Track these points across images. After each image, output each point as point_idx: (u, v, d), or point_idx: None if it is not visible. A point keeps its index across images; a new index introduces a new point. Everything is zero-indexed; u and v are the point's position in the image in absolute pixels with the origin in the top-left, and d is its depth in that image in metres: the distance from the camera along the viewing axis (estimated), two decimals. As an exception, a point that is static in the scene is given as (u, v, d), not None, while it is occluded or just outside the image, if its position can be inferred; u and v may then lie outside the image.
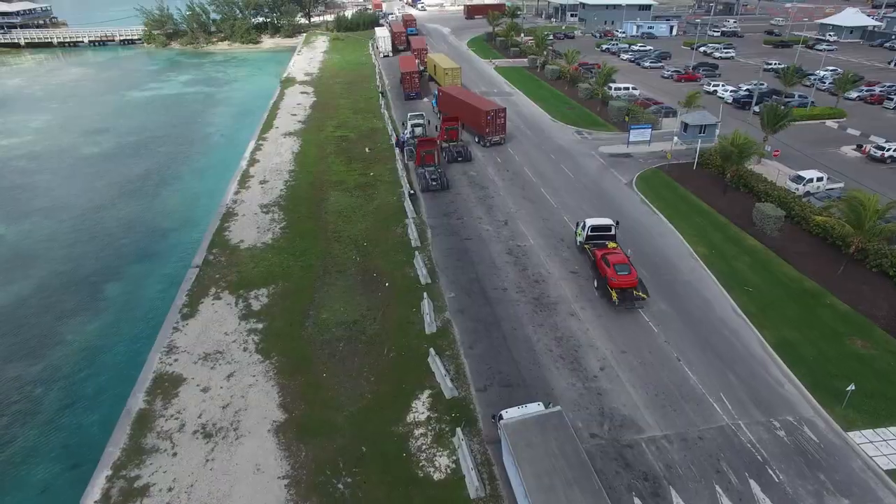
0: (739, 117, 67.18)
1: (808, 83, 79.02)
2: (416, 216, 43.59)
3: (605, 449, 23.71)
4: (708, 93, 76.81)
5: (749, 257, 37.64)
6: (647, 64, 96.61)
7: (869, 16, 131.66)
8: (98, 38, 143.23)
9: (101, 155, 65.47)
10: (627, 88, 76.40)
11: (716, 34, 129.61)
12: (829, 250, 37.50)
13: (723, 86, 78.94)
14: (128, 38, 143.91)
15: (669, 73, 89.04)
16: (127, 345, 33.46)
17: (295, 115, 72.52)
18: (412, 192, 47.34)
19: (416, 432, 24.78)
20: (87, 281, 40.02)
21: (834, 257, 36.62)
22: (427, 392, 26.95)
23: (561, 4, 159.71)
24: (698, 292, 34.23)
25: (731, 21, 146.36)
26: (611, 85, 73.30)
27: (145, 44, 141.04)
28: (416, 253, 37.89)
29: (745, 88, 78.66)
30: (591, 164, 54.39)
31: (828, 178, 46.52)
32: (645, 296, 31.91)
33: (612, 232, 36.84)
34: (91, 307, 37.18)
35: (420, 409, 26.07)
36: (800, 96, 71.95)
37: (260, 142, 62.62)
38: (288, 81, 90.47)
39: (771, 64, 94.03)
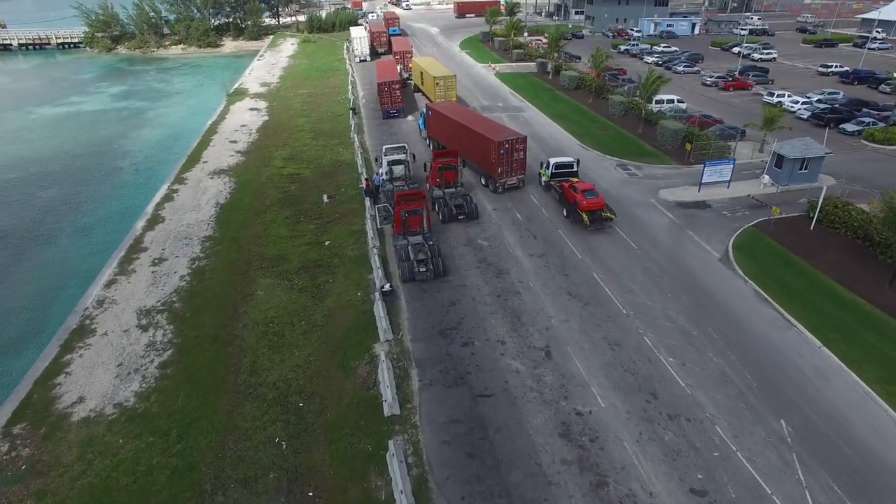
0: (822, 137, 50.03)
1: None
2: (391, 338, 25.64)
3: None
4: (769, 104, 59.53)
5: None
6: (680, 69, 79.22)
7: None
8: (31, 41, 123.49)
9: (-44, 203, 46.68)
10: (672, 101, 58.96)
11: (743, 32, 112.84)
12: None
13: (789, 95, 61.85)
14: (67, 41, 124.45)
15: (713, 79, 71.59)
16: None
17: (235, 141, 54.13)
18: (387, 286, 29.04)
19: None
20: None
21: None
22: None
23: (563, 1, 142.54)
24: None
25: (756, 18, 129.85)
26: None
27: (88, 48, 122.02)
28: (390, 443, 19.86)
29: (816, 98, 61.82)
30: (656, 220, 36.63)
31: None
32: (612, 215, 34.36)
33: (575, 169, 39.29)
34: None
35: None
36: (898, 109, 55.12)
37: (175, 186, 44.17)
38: (237, 94, 71.94)
39: (830, 67, 77.46)
